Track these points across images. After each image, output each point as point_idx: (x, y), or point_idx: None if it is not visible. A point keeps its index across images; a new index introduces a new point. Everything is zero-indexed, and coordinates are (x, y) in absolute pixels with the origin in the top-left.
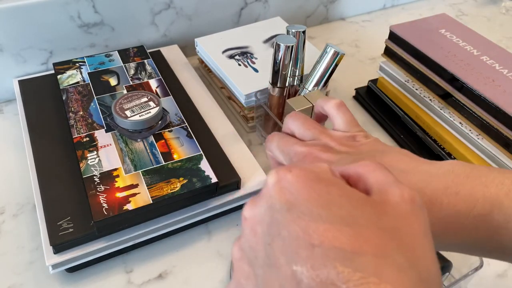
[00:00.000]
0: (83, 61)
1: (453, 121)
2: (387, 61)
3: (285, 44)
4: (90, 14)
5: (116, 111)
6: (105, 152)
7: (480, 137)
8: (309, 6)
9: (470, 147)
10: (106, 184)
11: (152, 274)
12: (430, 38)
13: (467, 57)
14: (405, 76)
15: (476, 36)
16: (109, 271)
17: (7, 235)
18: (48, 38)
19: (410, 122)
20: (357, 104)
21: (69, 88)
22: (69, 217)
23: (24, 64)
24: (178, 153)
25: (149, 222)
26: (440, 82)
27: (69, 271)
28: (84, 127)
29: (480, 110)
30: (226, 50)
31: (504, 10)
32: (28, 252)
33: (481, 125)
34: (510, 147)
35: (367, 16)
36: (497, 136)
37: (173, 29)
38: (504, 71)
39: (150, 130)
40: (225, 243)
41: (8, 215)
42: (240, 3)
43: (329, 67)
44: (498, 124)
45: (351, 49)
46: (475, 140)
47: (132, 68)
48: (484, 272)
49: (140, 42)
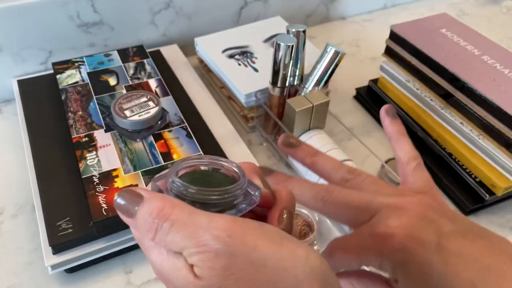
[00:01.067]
0: (82, 61)
1: (454, 121)
2: (387, 60)
3: (285, 44)
4: (90, 13)
5: (116, 111)
6: (104, 152)
7: (481, 137)
8: (309, 6)
9: (471, 147)
10: (106, 184)
11: (151, 274)
12: (431, 37)
13: (468, 56)
14: (406, 76)
15: (477, 36)
16: (108, 271)
17: (6, 235)
18: (47, 38)
19: (411, 122)
20: (358, 104)
21: (68, 88)
22: (68, 218)
23: (23, 64)
24: (178, 153)
25: None
26: (441, 82)
27: (68, 272)
28: (83, 127)
29: (481, 110)
30: (226, 49)
31: (505, 9)
32: (27, 252)
33: (482, 125)
34: (511, 147)
35: (367, 16)
36: (498, 136)
37: (172, 29)
38: (505, 71)
39: (149, 130)
40: None
41: (7, 215)
42: (240, 3)
43: (330, 66)
44: (499, 124)
45: (351, 49)
46: (476, 140)
47: (131, 68)
48: None
49: (139, 41)
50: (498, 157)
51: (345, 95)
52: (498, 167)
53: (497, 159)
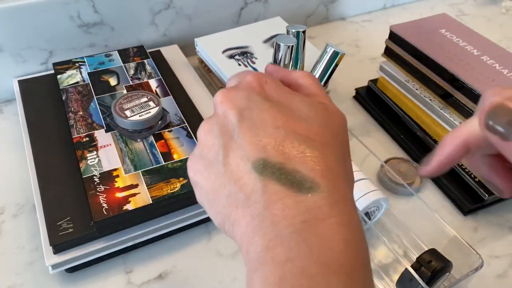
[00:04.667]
0: (83, 61)
1: (453, 121)
2: (387, 61)
3: (285, 44)
4: (90, 14)
5: (116, 111)
6: (105, 152)
7: None
8: (309, 6)
9: None
10: (106, 184)
11: (152, 274)
12: (430, 38)
13: (467, 57)
14: (405, 76)
15: (476, 36)
16: (109, 271)
17: (6, 235)
18: (47, 38)
19: (410, 122)
20: (357, 104)
21: (69, 88)
22: (68, 217)
23: (24, 64)
24: (178, 153)
25: (149, 222)
26: (440, 82)
27: (69, 271)
28: (84, 127)
29: None
30: (226, 50)
31: (504, 10)
32: (28, 252)
33: None
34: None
35: (367, 16)
36: None
37: (173, 29)
38: (504, 71)
39: (150, 130)
40: (225, 243)
41: (8, 215)
42: (240, 3)
43: (329, 67)
44: None
45: (351, 49)
46: None
47: (132, 68)
48: (484, 272)
49: (140, 42)
50: None
51: (345, 95)
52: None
53: None
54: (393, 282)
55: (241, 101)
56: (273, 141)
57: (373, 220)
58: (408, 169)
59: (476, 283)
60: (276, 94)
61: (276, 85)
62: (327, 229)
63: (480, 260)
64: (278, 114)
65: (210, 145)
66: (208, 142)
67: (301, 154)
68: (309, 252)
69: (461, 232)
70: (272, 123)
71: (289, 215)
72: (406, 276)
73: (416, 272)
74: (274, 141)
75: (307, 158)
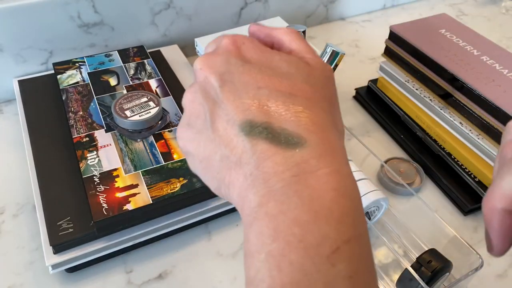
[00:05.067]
0: (83, 61)
1: (453, 121)
2: (387, 61)
3: None
4: (90, 14)
5: (116, 111)
6: (105, 152)
7: (480, 137)
8: (309, 6)
9: (470, 147)
10: (106, 184)
11: (152, 274)
12: (430, 38)
13: (467, 57)
14: (405, 76)
15: (476, 36)
16: (109, 271)
17: (7, 235)
18: (48, 38)
19: (410, 122)
20: (357, 104)
21: (69, 88)
22: (69, 217)
23: (24, 64)
24: (178, 153)
25: (149, 222)
26: (440, 82)
27: (69, 271)
28: (84, 127)
29: (480, 110)
30: None
31: (504, 10)
32: (28, 252)
33: (481, 125)
34: None
35: (367, 16)
36: (497, 136)
37: (173, 29)
38: (504, 71)
39: (150, 130)
40: (225, 243)
41: (8, 215)
42: (240, 3)
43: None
44: (498, 124)
45: (351, 49)
46: (475, 140)
47: (132, 68)
48: (484, 272)
49: (140, 42)
50: None
51: (345, 95)
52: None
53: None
54: (393, 282)
55: (220, 66)
56: (256, 101)
57: (373, 220)
58: (408, 169)
59: (476, 283)
60: (255, 55)
61: (254, 45)
62: (317, 180)
63: (480, 260)
64: (258, 75)
65: (197, 113)
66: (194, 110)
67: (286, 111)
68: (300, 203)
69: (461, 232)
70: (254, 84)
71: (279, 171)
72: (406, 276)
73: (416, 272)
74: (258, 102)
75: (292, 114)
